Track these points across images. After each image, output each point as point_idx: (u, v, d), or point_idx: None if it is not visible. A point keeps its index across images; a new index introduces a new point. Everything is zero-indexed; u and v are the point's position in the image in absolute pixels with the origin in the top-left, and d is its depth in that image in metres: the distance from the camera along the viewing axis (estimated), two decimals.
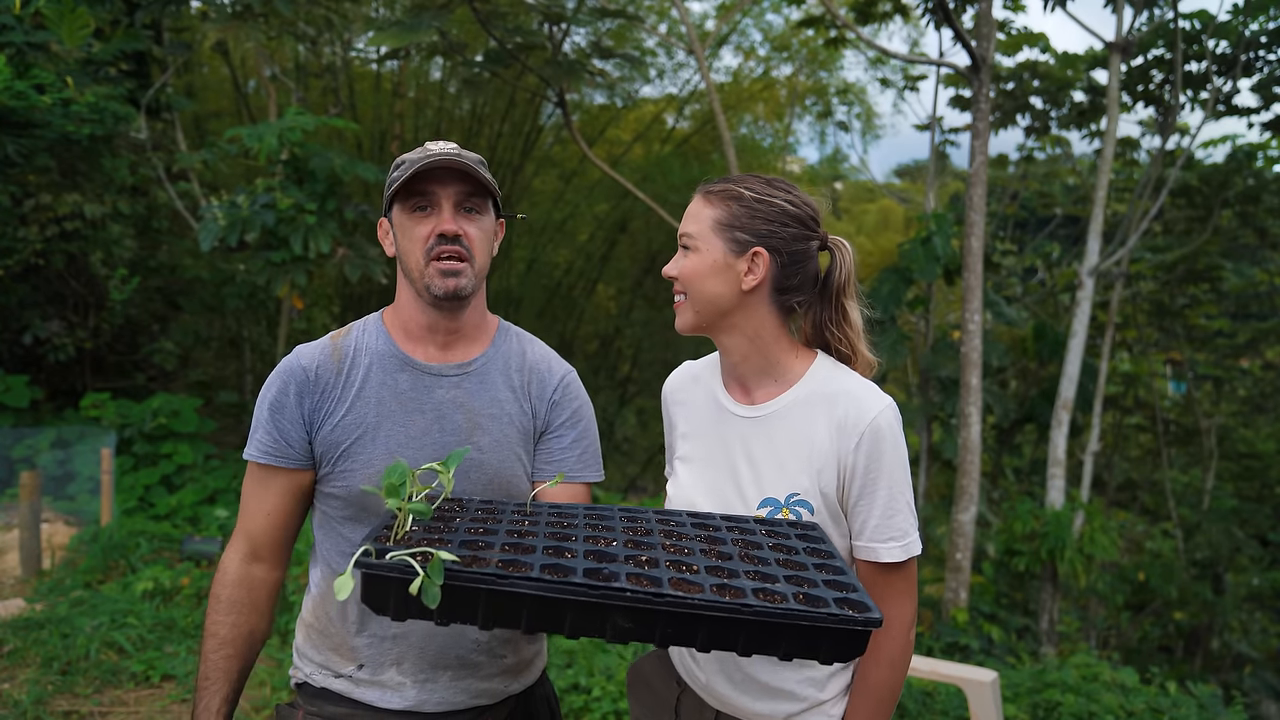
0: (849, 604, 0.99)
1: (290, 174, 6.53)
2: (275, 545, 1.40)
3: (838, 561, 1.13)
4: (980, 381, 5.88)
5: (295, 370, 1.36)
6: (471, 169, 1.31)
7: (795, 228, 1.31)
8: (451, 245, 1.32)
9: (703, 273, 1.31)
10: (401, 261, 1.37)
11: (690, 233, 1.33)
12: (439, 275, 1.32)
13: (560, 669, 3.92)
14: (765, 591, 0.99)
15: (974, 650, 5.41)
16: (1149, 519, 13.18)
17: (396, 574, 0.95)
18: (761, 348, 1.34)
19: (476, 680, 1.39)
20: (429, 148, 1.34)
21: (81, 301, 8.13)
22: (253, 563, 1.39)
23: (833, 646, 0.98)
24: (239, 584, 1.38)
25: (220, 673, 1.35)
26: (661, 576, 0.99)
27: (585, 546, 1.07)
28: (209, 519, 6.32)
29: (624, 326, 12.79)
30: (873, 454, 1.27)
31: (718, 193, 1.33)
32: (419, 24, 5.83)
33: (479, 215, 1.36)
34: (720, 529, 1.22)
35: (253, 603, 1.38)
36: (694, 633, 0.96)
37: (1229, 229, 10.26)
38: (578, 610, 0.95)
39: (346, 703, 1.38)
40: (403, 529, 1.07)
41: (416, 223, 1.33)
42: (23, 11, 6.42)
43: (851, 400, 1.30)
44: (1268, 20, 7.71)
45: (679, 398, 1.48)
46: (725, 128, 6.91)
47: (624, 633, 0.96)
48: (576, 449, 1.46)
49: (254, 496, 1.38)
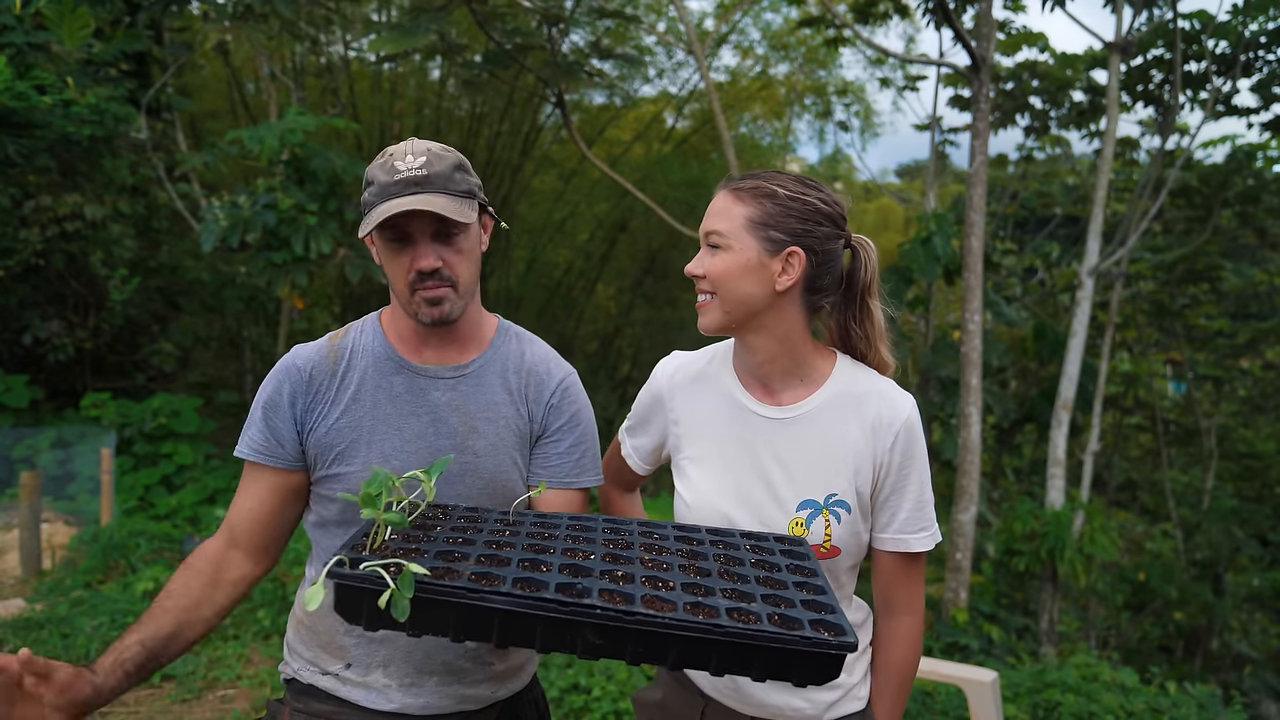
0: (824, 626, 0.98)
1: (291, 174, 6.53)
2: (255, 541, 1.37)
3: (819, 580, 1.12)
4: (980, 381, 5.88)
5: (291, 370, 1.35)
6: (442, 211, 1.24)
7: (828, 227, 1.30)
8: (431, 279, 1.29)
9: (735, 272, 1.27)
10: (388, 280, 1.35)
11: (720, 230, 1.28)
12: (424, 304, 1.30)
13: (560, 669, 3.92)
14: (740, 611, 0.98)
15: (974, 650, 5.41)
16: (1149, 519, 13.18)
17: (368, 585, 0.95)
18: (789, 349, 1.33)
19: (463, 686, 1.38)
20: (396, 165, 1.27)
21: (81, 302, 8.13)
22: (230, 548, 1.37)
23: (806, 669, 0.97)
24: (209, 559, 1.35)
25: (150, 619, 1.28)
26: (635, 594, 0.98)
27: (561, 560, 1.06)
28: (209, 519, 6.33)
29: (624, 326, 12.79)
30: (907, 451, 1.30)
31: (749, 190, 1.29)
32: (418, 27, 5.83)
33: (459, 235, 1.31)
34: (704, 543, 1.21)
35: (214, 578, 1.33)
36: (665, 652, 0.96)
37: (1229, 229, 10.26)
38: (548, 626, 0.95)
39: (333, 700, 1.37)
40: (380, 539, 1.06)
41: (395, 254, 1.30)
42: (23, 12, 6.42)
43: (883, 400, 1.31)
44: (1267, 20, 7.71)
45: (683, 391, 1.44)
46: (724, 127, 6.91)
47: (594, 649, 0.96)
48: (574, 454, 1.43)
49: (241, 492, 1.38)
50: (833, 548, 1.30)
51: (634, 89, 11.18)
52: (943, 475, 10.53)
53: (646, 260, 12.01)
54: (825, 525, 1.30)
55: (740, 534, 1.27)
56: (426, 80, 10.57)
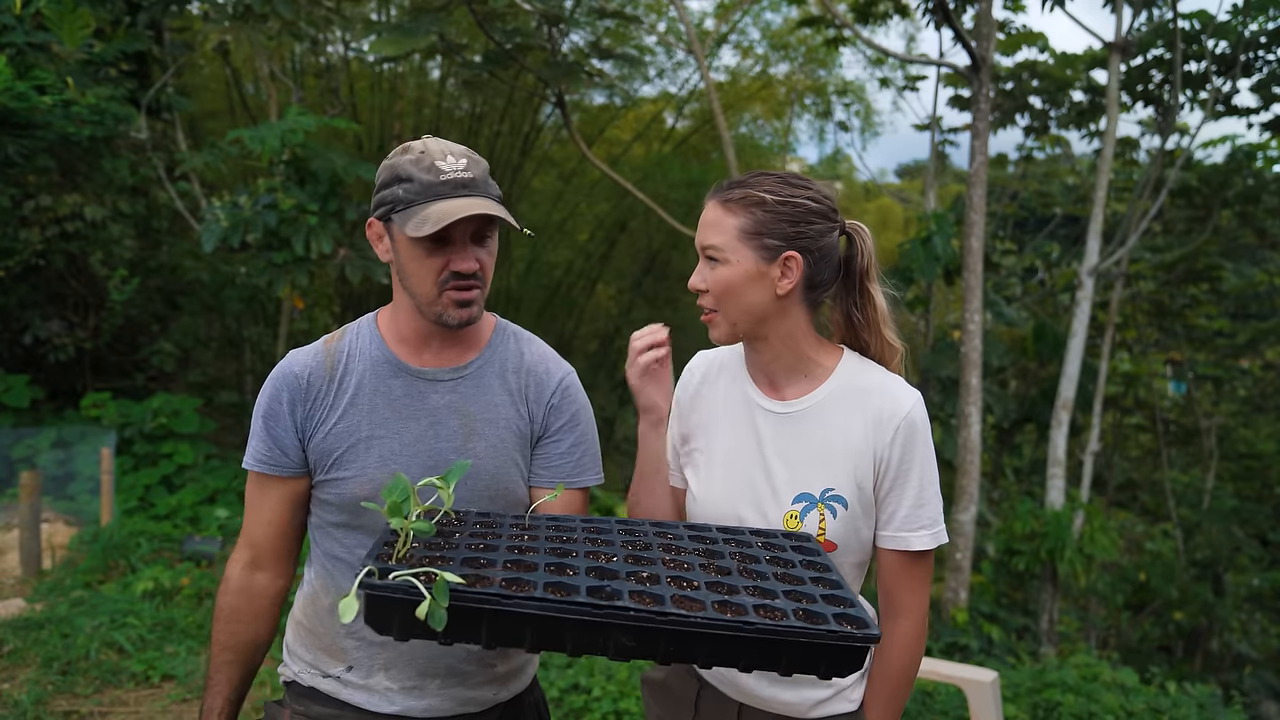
0: (847, 619, 0.99)
1: (292, 174, 6.53)
2: (277, 553, 1.40)
3: (834, 575, 1.13)
4: (980, 381, 5.89)
5: (288, 377, 1.34)
6: (502, 215, 1.25)
7: (820, 223, 1.30)
8: (467, 279, 1.28)
9: (736, 285, 1.28)
10: (404, 280, 1.32)
11: (716, 244, 1.29)
12: (454, 306, 1.29)
13: (560, 669, 3.92)
14: (765, 608, 1.00)
15: (974, 650, 5.42)
16: (1149, 519, 13.18)
17: (401, 595, 0.95)
18: (793, 346, 1.34)
19: (465, 689, 1.38)
20: (439, 166, 1.25)
21: (81, 302, 8.13)
22: (254, 571, 1.39)
23: (832, 662, 0.99)
24: (239, 592, 1.39)
25: (223, 676, 1.38)
26: (664, 594, 0.99)
27: (587, 563, 1.07)
28: (209, 519, 6.32)
29: (624, 326, 12.78)
30: (907, 446, 1.29)
31: (738, 199, 1.29)
32: (418, 28, 5.83)
33: (490, 239, 1.32)
34: (717, 541, 1.22)
35: (253, 611, 1.39)
36: (695, 650, 0.97)
37: (1229, 229, 10.26)
38: (581, 630, 0.96)
39: (334, 703, 1.37)
40: (404, 547, 1.06)
41: (428, 254, 1.27)
42: (23, 12, 6.42)
43: (885, 395, 1.31)
44: (1267, 20, 7.72)
45: (705, 386, 1.45)
46: (724, 127, 6.92)
47: (627, 651, 0.97)
48: (575, 453, 1.43)
49: (254, 505, 1.38)
50: (827, 542, 1.30)
51: (634, 89, 11.19)
52: (943, 475, 10.49)
53: (646, 260, 12.01)
54: (820, 520, 1.30)
55: (750, 531, 1.28)
56: (426, 80, 10.57)
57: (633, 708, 3.58)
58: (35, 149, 6.64)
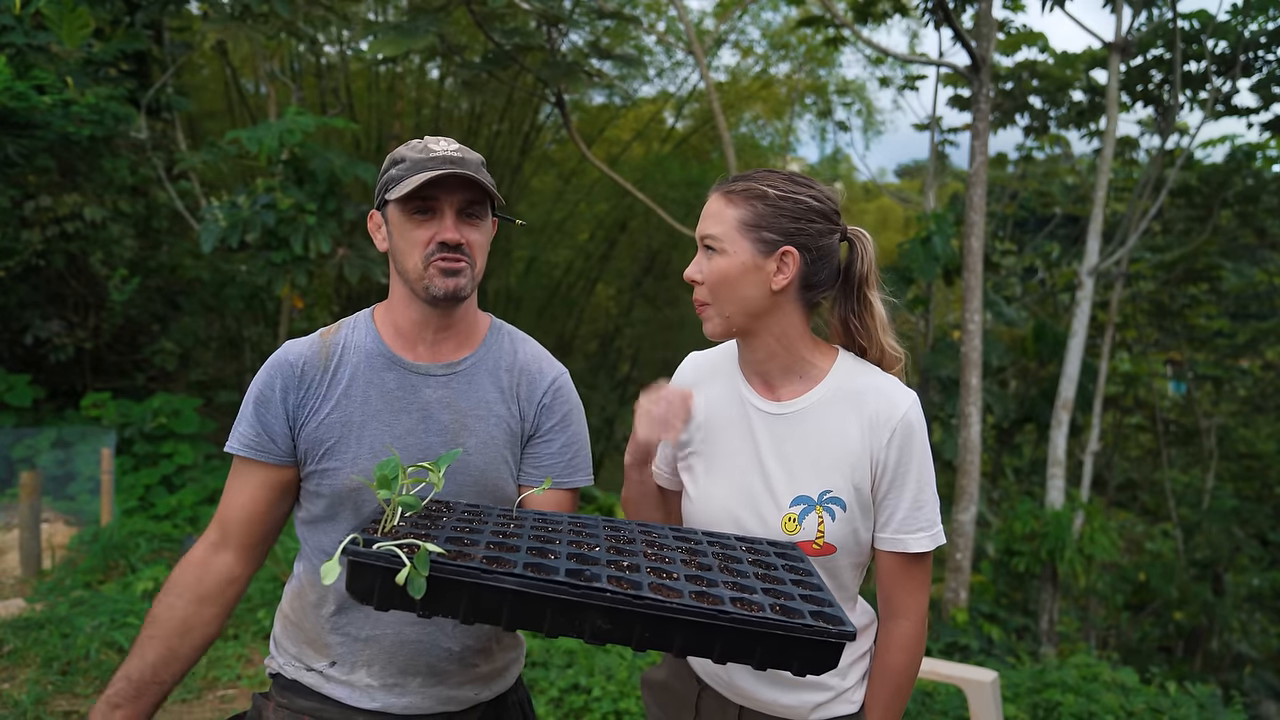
0: (823, 617, 1.00)
1: (290, 174, 6.53)
2: (246, 537, 1.38)
3: (814, 579, 1.14)
4: (980, 381, 5.89)
5: (283, 365, 1.36)
6: (478, 179, 1.29)
7: (821, 223, 1.30)
8: (453, 253, 1.31)
9: (732, 276, 1.28)
10: (396, 260, 1.35)
11: (714, 234, 1.29)
12: (440, 274, 1.31)
13: (560, 669, 3.92)
14: (743, 600, 1.00)
15: (974, 650, 5.42)
16: (1149, 519, 13.18)
17: (383, 563, 0.96)
18: (787, 345, 1.33)
19: (446, 688, 1.38)
20: (431, 147, 1.32)
21: (81, 301, 8.13)
22: (218, 551, 1.37)
23: (806, 658, 0.99)
24: (193, 566, 1.36)
25: (135, 654, 1.32)
26: (641, 581, 1.00)
27: (568, 549, 1.08)
28: (209, 519, 6.30)
29: (624, 326, 12.79)
30: (904, 448, 1.29)
31: (740, 192, 1.29)
32: (416, 29, 5.83)
33: (479, 220, 1.35)
34: (701, 542, 1.23)
35: (200, 591, 1.34)
36: (670, 637, 0.98)
37: (1228, 229, 10.27)
38: (558, 609, 0.96)
39: (316, 697, 1.37)
40: (391, 522, 1.07)
41: (416, 226, 1.31)
42: (23, 12, 6.42)
43: (881, 396, 1.31)
44: (1267, 20, 7.72)
45: (698, 388, 1.45)
46: (724, 127, 6.92)
47: (602, 634, 0.97)
48: (566, 454, 1.44)
49: (232, 489, 1.38)
50: (826, 544, 1.30)
51: (633, 89, 11.19)
52: (943, 475, 10.52)
53: (646, 260, 12.01)
54: (818, 522, 1.30)
55: (735, 538, 1.29)
56: (425, 80, 10.57)
57: (633, 708, 3.58)
58: (35, 149, 6.64)
